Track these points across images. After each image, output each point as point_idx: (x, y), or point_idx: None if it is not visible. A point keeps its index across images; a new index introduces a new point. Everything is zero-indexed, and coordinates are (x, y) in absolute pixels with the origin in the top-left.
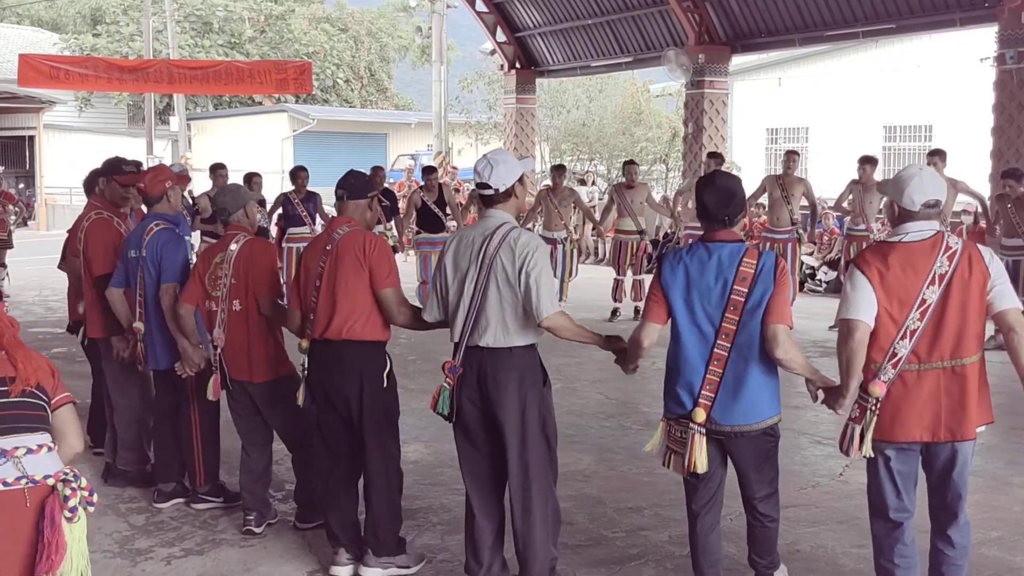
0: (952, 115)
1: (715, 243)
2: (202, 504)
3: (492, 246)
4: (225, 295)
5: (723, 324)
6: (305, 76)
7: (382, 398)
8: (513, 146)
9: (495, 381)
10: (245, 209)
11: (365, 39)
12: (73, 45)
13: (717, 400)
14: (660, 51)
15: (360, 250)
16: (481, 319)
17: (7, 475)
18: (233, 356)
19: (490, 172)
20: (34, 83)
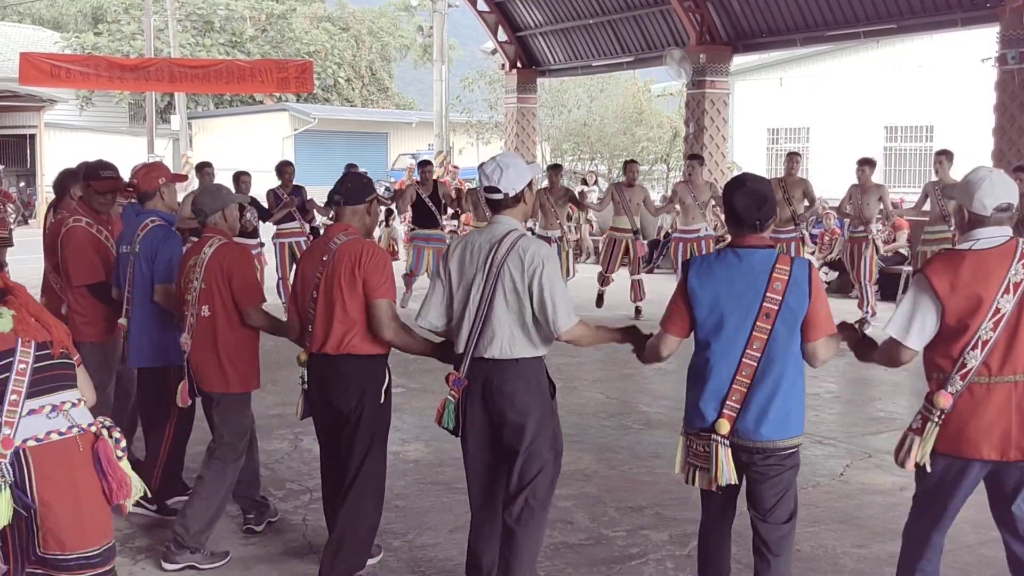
0: (953, 115)
1: (745, 249)
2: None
3: (500, 254)
4: (195, 299)
5: (754, 333)
6: (306, 75)
7: (378, 415)
8: (514, 146)
9: (502, 393)
10: (224, 212)
11: (366, 38)
12: (74, 44)
13: (743, 412)
14: (661, 51)
15: (356, 263)
16: (487, 330)
17: (60, 426)
18: (198, 364)
19: (500, 176)
20: (35, 82)
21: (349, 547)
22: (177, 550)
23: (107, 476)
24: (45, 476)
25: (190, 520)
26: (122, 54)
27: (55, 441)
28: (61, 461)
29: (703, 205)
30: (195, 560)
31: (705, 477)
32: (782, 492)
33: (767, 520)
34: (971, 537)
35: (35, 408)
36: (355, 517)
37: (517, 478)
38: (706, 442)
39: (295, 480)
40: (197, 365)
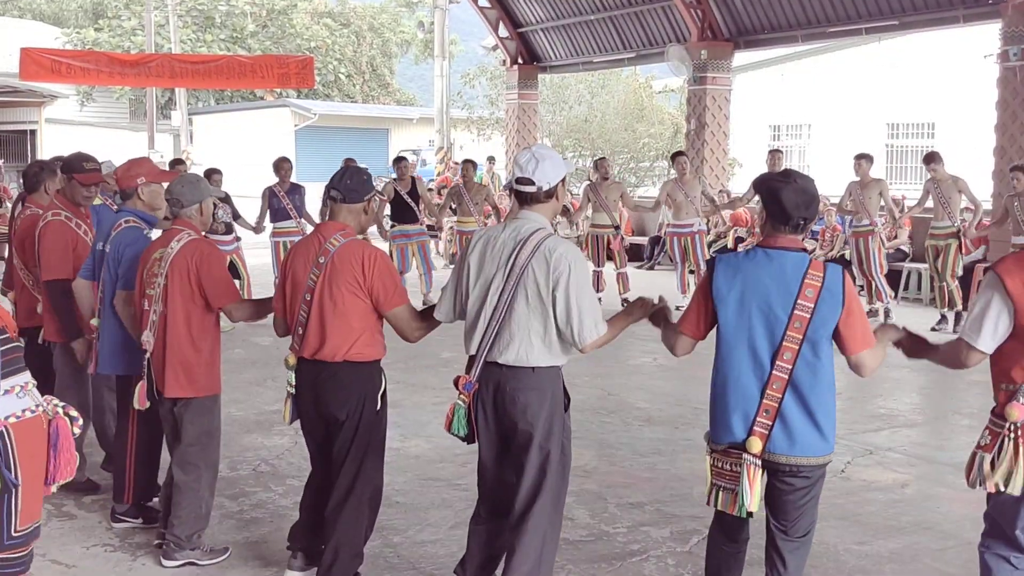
0: (955, 112)
1: (777, 250)
2: (121, 524)
3: (524, 254)
4: (158, 296)
5: (784, 343)
6: (307, 71)
7: (375, 423)
8: (515, 142)
9: (515, 402)
10: (201, 205)
11: (367, 34)
12: (75, 39)
13: (775, 428)
14: (663, 47)
15: (359, 271)
16: (504, 333)
17: (30, 404)
18: (158, 365)
19: (535, 167)
20: (35, 77)
21: (346, 556)
22: (176, 548)
23: (59, 455)
24: (26, 453)
25: (177, 528)
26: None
27: (30, 418)
28: (37, 438)
29: (695, 200)
30: (194, 556)
31: (728, 498)
32: (805, 507)
33: (787, 533)
34: (973, 534)
35: (8, 388)
36: (352, 527)
37: (524, 493)
38: (735, 460)
39: (296, 476)
40: (157, 366)
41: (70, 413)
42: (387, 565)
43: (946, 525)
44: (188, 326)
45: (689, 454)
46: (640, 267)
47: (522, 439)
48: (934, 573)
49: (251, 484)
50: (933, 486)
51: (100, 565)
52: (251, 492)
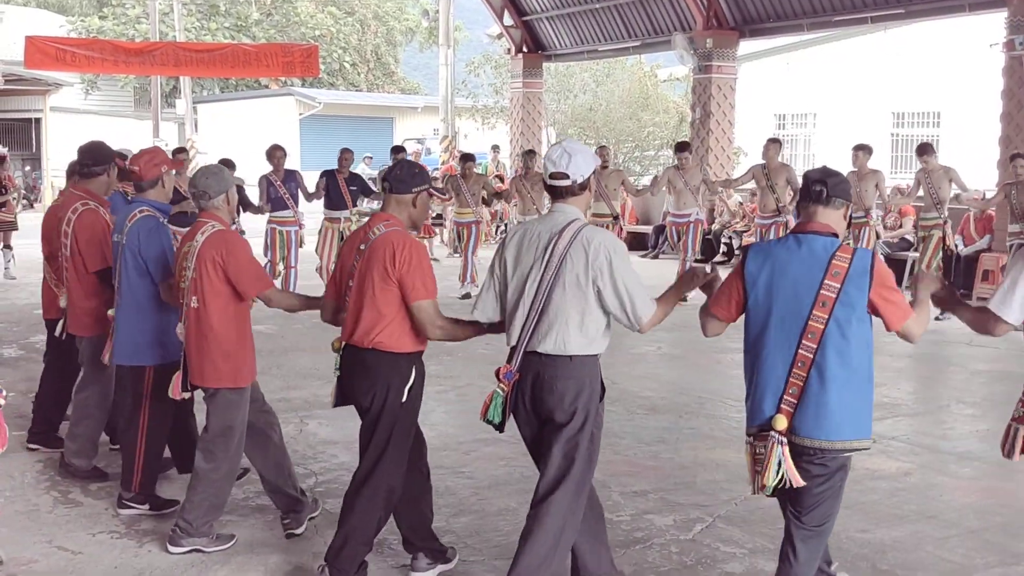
0: (961, 101)
1: (807, 234)
2: (127, 511)
3: (561, 244)
4: (188, 289)
5: (810, 322)
6: (311, 59)
7: (400, 416)
8: (520, 131)
9: (551, 390)
10: (227, 194)
11: (372, 22)
12: (79, 27)
13: (799, 408)
14: (668, 35)
15: (390, 260)
16: (543, 322)
17: None
18: (190, 356)
19: (568, 161)
20: (40, 65)
21: (355, 542)
22: (182, 534)
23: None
24: None
25: (190, 513)
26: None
27: None
28: None
29: (695, 190)
30: (200, 544)
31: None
32: (822, 496)
33: (801, 519)
34: (975, 523)
35: None
36: (365, 514)
37: (548, 479)
38: (764, 443)
39: (300, 463)
40: (189, 357)
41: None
42: (390, 552)
43: (949, 514)
44: (216, 317)
45: (693, 443)
46: (644, 256)
47: (554, 426)
48: (936, 561)
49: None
50: (936, 475)
51: (106, 552)
52: (255, 480)
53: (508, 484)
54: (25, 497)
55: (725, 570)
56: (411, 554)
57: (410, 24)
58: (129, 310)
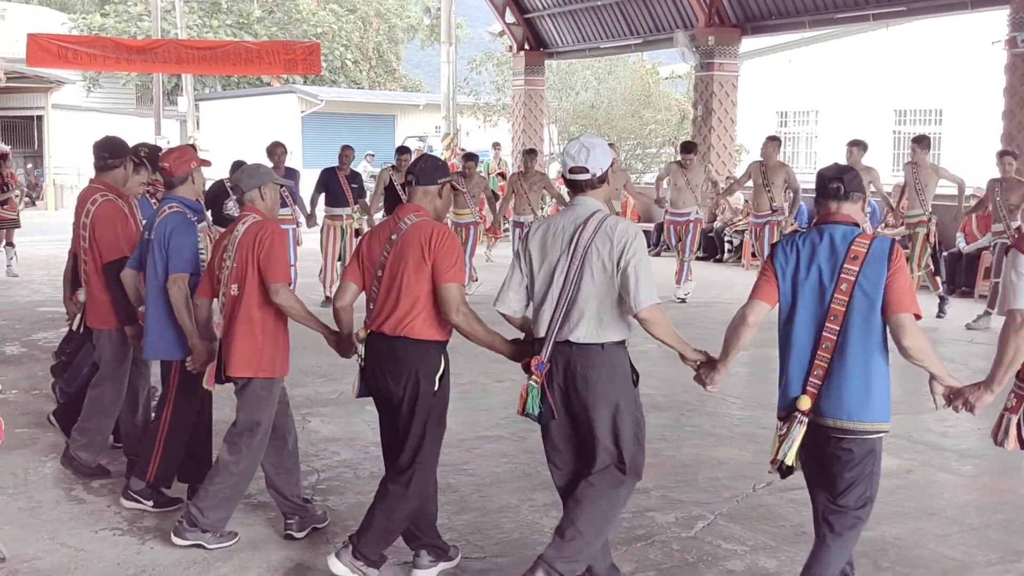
0: (963, 99)
1: (828, 224)
2: (131, 503)
3: (586, 234)
4: (227, 279)
5: (832, 305)
6: (313, 57)
7: (433, 404)
8: (522, 128)
9: (585, 379)
10: (261, 189)
11: (373, 20)
12: (81, 25)
13: (824, 389)
14: (670, 33)
15: (426, 243)
16: (573, 312)
17: None
18: (226, 344)
19: (587, 156)
20: (42, 63)
21: (383, 529)
22: (189, 527)
23: None
24: None
25: (203, 502)
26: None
27: None
28: None
29: (695, 188)
30: (204, 539)
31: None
32: (855, 479)
33: (835, 502)
34: (976, 520)
35: None
36: (400, 502)
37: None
38: (789, 424)
39: (303, 461)
40: (225, 346)
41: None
42: (392, 549)
43: (950, 511)
44: (255, 305)
45: (694, 440)
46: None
47: (594, 415)
48: (937, 559)
49: None
50: (937, 472)
51: (109, 548)
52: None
53: (510, 481)
54: (28, 494)
55: (726, 567)
56: (414, 551)
57: (412, 22)
58: (157, 306)
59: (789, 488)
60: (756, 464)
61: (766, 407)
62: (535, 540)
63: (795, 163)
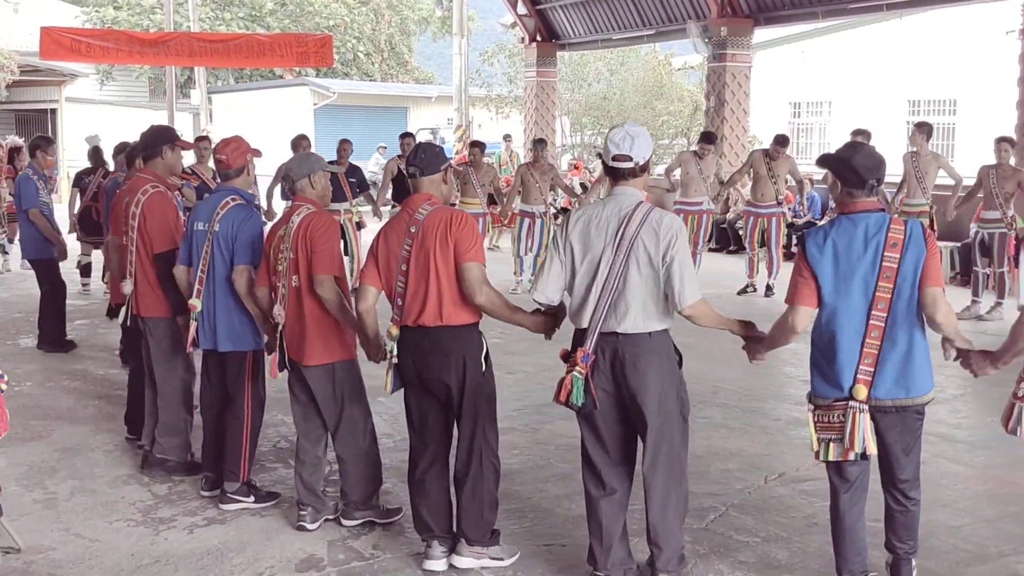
0: (977, 89)
1: (859, 214)
2: (232, 505)
3: (632, 227)
4: (286, 270)
5: (877, 293)
6: (326, 49)
7: (483, 383)
8: (534, 120)
9: (635, 367)
10: (311, 178)
11: (386, 12)
12: (94, 18)
13: (877, 374)
14: (682, 24)
15: (447, 226)
16: (620, 304)
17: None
18: (291, 335)
19: (631, 144)
20: (56, 56)
21: (479, 508)
22: (353, 509)
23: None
24: None
25: (352, 495)
26: (142, 28)
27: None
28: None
29: (707, 179)
30: (372, 515)
31: (839, 448)
32: (911, 448)
33: (900, 475)
34: (989, 511)
35: None
36: (479, 482)
37: (651, 454)
38: (841, 411)
39: None
40: (291, 338)
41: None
42: (405, 540)
43: (962, 503)
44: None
45: (706, 432)
46: None
47: (647, 400)
48: (950, 550)
49: (271, 460)
50: (950, 464)
51: (123, 539)
52: (271, 468)
53: (522, 473)
54: (42, 486)
55: (738, 559)
56: (425, 541)
57: (424, 14)
58: (223, 298)
59: (801, 480)
60: (767, 455)
61: (778, 398)
62: (548, 532)
63: (808, 154)
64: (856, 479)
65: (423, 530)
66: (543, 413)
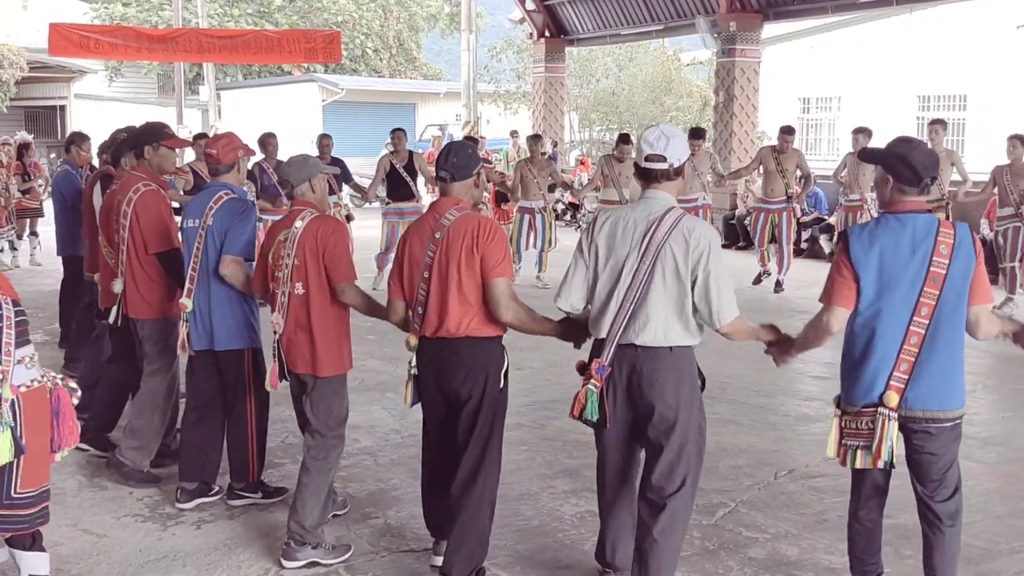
0: (987, 84)
1: (907, 214)
2: (240, 501)
3: (660, 233)
4: (287, 277)
5: (921, 299)
6: (334, 45)
7: (498, 400)
8: (542, 116)
9: (652, 383)
10: (311, 182)
11: (394, 8)
12: (103, 14)
13: (912, 383)
14: (691, 19)
15: (473, 236)
16: (640, 314)
17: (36, 375)
18: (292, 345)
19: (666, 144)
20: (64, 52)
21: (472, 542)
22: (297, 547)
23: (63, 423)
24: (32, 421)
25: (304, 516)
26: (150, 24)
27: (36, 388)
28: (42, 407)
29: (701, 175)
30: (317, 555)
31: (867, 456)
32: (948, 465)
33: (935, 495)
34: (1000, 508)
35: (20, 358)
36: (479, 509)
37: (662, 480)
38: (870, 418)
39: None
40: (290, 347)
41: (69, 384)
42: (412, 536)
43: (973, 499)
44: (327, 305)
45: (715, 428)
46: None
47: (660, 421)
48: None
49: (279, 456)
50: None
51: (131, 535)
52: (279, 463)
53: (530, 469)
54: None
55: (748, 555)
56: (436, 538)
57: (432, 10)
58: (219, 294)
59: (811, 476)
60: (777, 451)
61: (787, 394)
62: (555, 528)
63: (817, 150)
64: (879, 485)
65: (434, 531)
66: (550, 409)
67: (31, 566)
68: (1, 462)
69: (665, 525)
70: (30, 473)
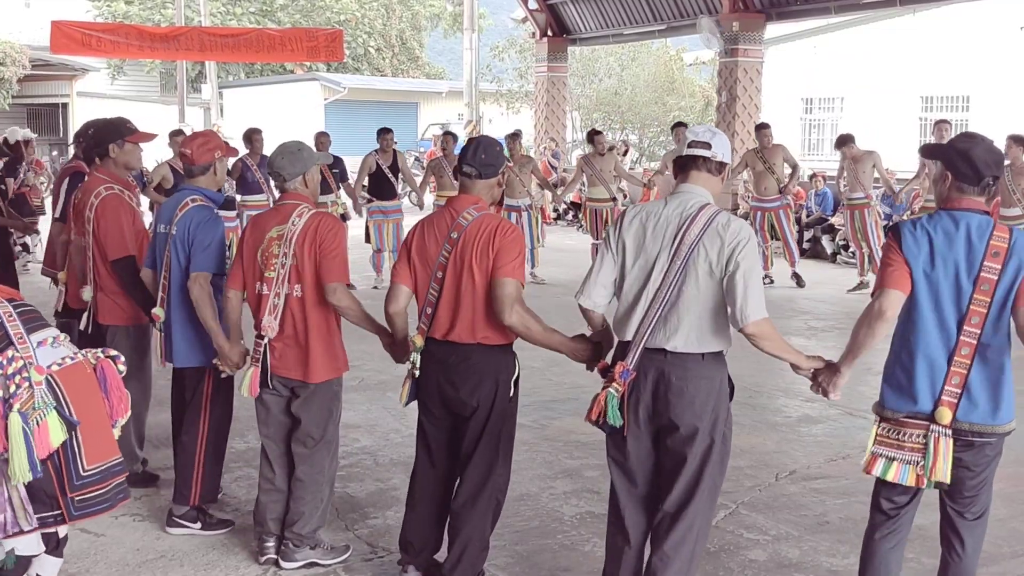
0: (991, 85)
1: (962, 212)
2: (178, 529)
3: (694, 231)
4: (284, 278)
5: (972, 306)
6: (336, 44)
7: (508, 409)
8: (544, 115)
9: (680, 392)
10: (305, 176)
11: (396, 7)
12: (105, 12)
13: (964, 396)
14: (694, 18)
15: (489, 237)
16: (671, 317)
17: (68, 352)
18: (285, 350)
19: (712, 135)
20: (66, 50)
21: (475, 549)
22: (296, 547)
23: (111, 394)
24: (78, 395)
25: (300, 525)
26: (153, 22)
27: (72, 364)
28: (85, 380)
29: None
30: (315, 556)
31: (908, 470)
32: (983, 482)
33: (965, 513)
34: (1003, 511)
35: (41, 340)
36: (482, 518)
37: (683, 495)
38: (916, 431)
39: None
40: (283, 352)
41: (111, 354)
42: None
43: None
44: (327, 308)
45: None
46: None
47: (686, 430)
48: None
49: None
50: None
51: (128, 534)
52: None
53: (530, 470)
54: None
55: (748, 557)
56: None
57: (435, 9)
58: (179, 307)
59: (812, 477)
60: (778, 453)
61: (788, 395)
62: (555, 528)
63: (820, 151)
64: (904, 506)
65: (405, 548)
66: (552, 409)
67: (43, 568)
68: (56, 442)
69: (679, 537)
70: (93, 447)
